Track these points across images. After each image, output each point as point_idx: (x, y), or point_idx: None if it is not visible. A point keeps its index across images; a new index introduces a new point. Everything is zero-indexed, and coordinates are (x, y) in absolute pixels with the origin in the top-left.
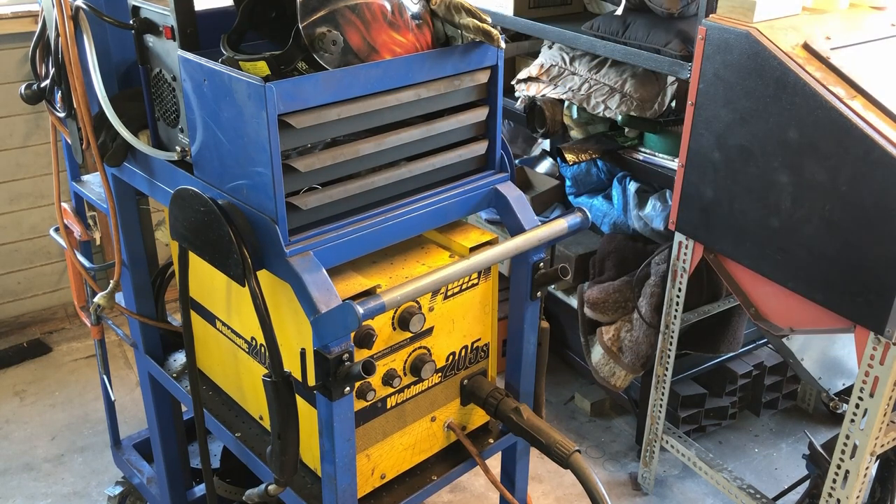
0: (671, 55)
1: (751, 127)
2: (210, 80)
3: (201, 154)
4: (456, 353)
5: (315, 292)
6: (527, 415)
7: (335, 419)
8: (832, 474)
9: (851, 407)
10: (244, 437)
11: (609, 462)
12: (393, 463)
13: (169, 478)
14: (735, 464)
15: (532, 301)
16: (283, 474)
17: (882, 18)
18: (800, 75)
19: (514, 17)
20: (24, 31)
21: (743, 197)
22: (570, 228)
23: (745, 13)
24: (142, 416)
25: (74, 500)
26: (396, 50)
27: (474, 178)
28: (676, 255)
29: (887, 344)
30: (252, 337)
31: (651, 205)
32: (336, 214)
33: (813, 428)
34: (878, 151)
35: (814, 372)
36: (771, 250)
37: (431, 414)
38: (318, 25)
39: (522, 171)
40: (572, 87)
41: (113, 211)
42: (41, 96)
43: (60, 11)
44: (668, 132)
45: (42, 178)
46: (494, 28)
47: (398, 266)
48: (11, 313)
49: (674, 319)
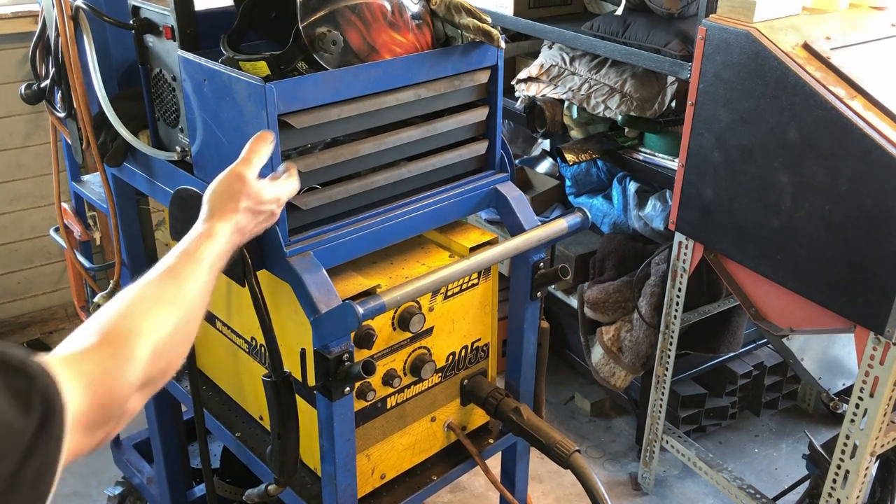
0: (671, 55)
1: (751, 127)
2: (210, 80)
3: (201, 154)
4: (456, 353)
5: (315, 292)
6: (527, 415)
7: (335, 419)
8: (832, 474)
9: (851, 407)
10: (244, 437)
11: (609, 462)
12: (393, 463)
13: (169, 478)
14: (735, 464)
15: (532, 301)
16: (283, 474)
17: (882, 18)
18: (800, 75)
19: (514, 17)
20: (24, 31)
21: (743, 197)
22: (570, 228)
23: (745, 13)
24: (142, 416)
25: (74, 500)
26: (396, 50)
27: (474, 178)
28: (676, 255)
29: (887, 344)
30: (252, 337)
31: (651, 205)
32: (336, 214)
33: (813, 428)
34: (878, 151)
35: (814, 372)
36: (771, 250)
37: (431, 414)
38: (318, 25)
39: (522, 171)
40: (572, 87)
41: (113, 211)
42: (41, 96)
43: (60, 11)
44: (668, 132)
45: (42, 178)
46: (494, 28)
47: (398, 266)
48: (11, 313)
49: (674, 319)
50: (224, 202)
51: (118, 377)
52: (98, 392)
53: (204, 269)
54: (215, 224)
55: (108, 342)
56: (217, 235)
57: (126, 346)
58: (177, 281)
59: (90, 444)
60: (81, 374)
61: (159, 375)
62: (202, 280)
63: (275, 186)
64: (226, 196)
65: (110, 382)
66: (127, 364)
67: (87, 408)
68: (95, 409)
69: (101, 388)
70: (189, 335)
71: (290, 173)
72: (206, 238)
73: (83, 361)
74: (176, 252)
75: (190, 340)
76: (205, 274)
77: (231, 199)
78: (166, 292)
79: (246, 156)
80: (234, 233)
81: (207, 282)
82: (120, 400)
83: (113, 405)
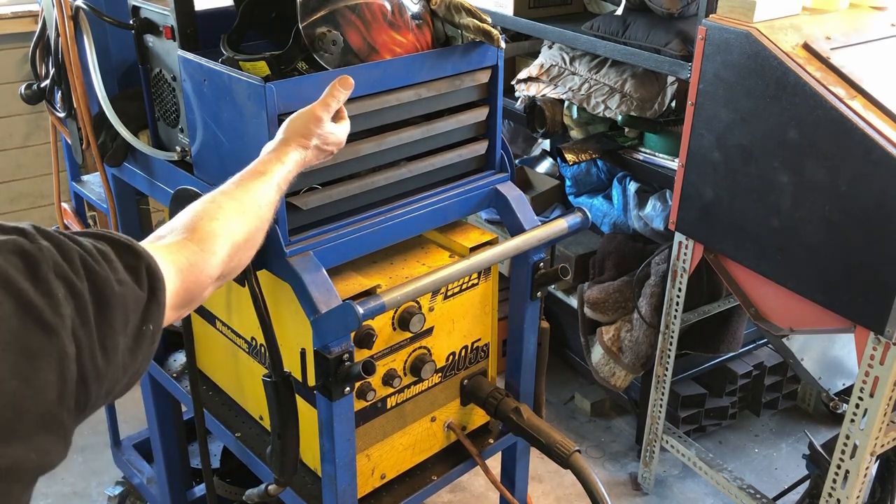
0: (671, 55)
1: (751, 127)
2: (210, 80)
3: (201, 154)
4: (456, 353)
5: (315, 292)
6: (527, 415)
7: (335, 419)
8: (832, 474)
9: (851, 407)
10: (244, 437)
11: (609, 462)
12: (393, 463)
13: (169, 478)
14: (735, 464)
15: (532, 301)
16: (283, 474)
17: (882, 18)
18: (800, 75)
19: (514, 17)
20: (24, 31)
21: (743, 197)
22: (570, 228)
23: (745, 13)
24: (142, 416)
25: (74, 500)
26: (396, 50)
27: (474, 178)
28: (676, 255)
29: (887, 344)
30: (252, 337)
31: (651, 205)
32: (336, 214)
33: (813, 428)
34: (878, 151)
35: (814, 372)
36: (771, 250)
37: (431, 414)
38: (318, 25)
39: (522, 171)
40: (572, 87)
41: (113, 211)
42: (41, 96)
43: (60, 11)
44: (668, 132)
45: (42, 178)
46: (494, 28)
47: (398, 266)
48: None
49: (674, 319)
50: (299, 136)
51: (203, 269)
52: (187, 279)
53: (272, 188)
54: (288, 151)
55: (197, 239)
56: (287, 162)
57: (210, 244)
58: (252, 196)
59: (174, 318)
60: (175, 262)
61: (230, 272)
62: (270, 197)
63: (340, 129)
64: (302, 131)
65: (197, 272)
66: (210, 259)
67: (177, 290)
68: (183, 293)
69: (190, 276)
70: (257, 242)
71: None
72: (276, 161)
73: (176, 252)
74: (249, 170)
75: (257, 246)
76: (272, 193)
77: (305, 136)
78: (242, 204)
79: (325, 99)
80: (300, 163)
81: (274, 200)
82: (201, 287)
83: (196, 290)
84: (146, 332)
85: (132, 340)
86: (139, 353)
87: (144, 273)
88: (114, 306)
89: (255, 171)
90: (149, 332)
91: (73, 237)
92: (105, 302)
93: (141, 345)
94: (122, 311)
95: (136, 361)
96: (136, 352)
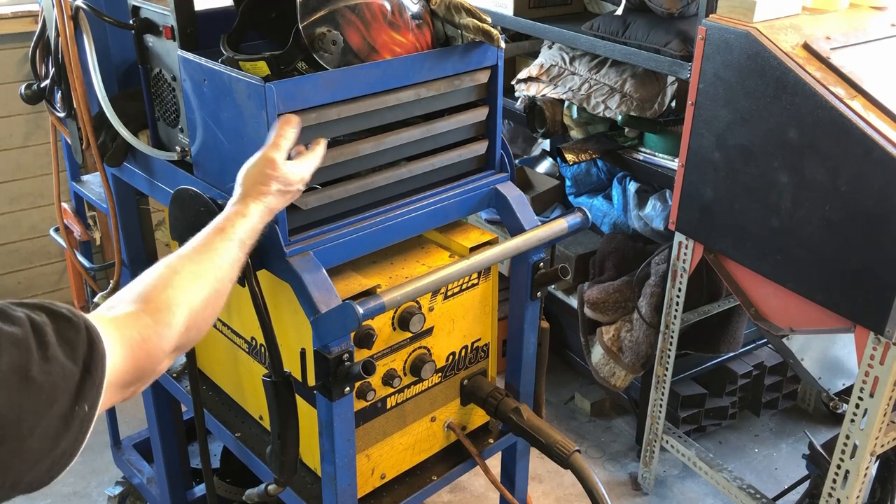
0: (671, 55)
1: (751, 127)
2: (210, 80)
3: (201, 154)
4: (456, 353)
5: (315, 292)
6: (527, 415)
7: (335, 419)
8: (832, 474)
9: (851, 407)
10: (244, 437)
11: (609, 462)
12: (393, 463)
13: (169, 478)
14: (735, 464)
15: (532, 301)
16: (283, 474)
17: (882, 18)
18: (800, 75)
19: (514, 17)
20: (24, 31)
21: (743, 197)
22: (570, 228)
23: (745, 13)
24: (142, 416)
25: (74, 500)
26: (396, 50)
27: (474, 178)
28: (676, 255)
29: (887, 344)
30: (252, 337)
31: (651, 205)
32: (336, 214)
33: (813, 428)
34: (878, 151)
35: (814, 372)
36: (771, 250)
37: (431, 414)
38: (318, 25)
39: (522, 171)
40: (572, 87)
41: (113, 211)
42: (41, 96)
43: (60, 11)
44: (668, 132)
45: (42, 178)
46: (494, 28)
47: (398, 266)
48: None
49: (674, 319)
50: (257, 185)
51: (157, 343)
52: (138, 354)
53: (235, 247)
54: (248, 204)
55: (151, 310)
56: (250, 215)
57: (166, 315)
58: (211, 256)
59: (121, 398)
60: (124, 337)
61: (189, 342)
62: (234, 256)
63: (301, 166)
64: (259, 179)
65: (149, 347)
66: (165, 331)
67: (125, 367)
68: (133, 370)
69: (140, 352)
70: (218, 307)
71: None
72: (239, 217)
73: (125, 326)
74: (210, 229)
75: (218, 311)
76: (235, 250)
77: (263, 182)
78: (201, 267)
79: (275, 140)
80: (265, 212)
81: (238, 258)
82: (154, 363)
83: (149, 366)
84: (77, 414)
85: (59, 421)
86: (66, 436)
87: (82, 348)
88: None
89: (218, 228)
90: (81, 413)
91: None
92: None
93: (69, 426)
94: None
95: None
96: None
